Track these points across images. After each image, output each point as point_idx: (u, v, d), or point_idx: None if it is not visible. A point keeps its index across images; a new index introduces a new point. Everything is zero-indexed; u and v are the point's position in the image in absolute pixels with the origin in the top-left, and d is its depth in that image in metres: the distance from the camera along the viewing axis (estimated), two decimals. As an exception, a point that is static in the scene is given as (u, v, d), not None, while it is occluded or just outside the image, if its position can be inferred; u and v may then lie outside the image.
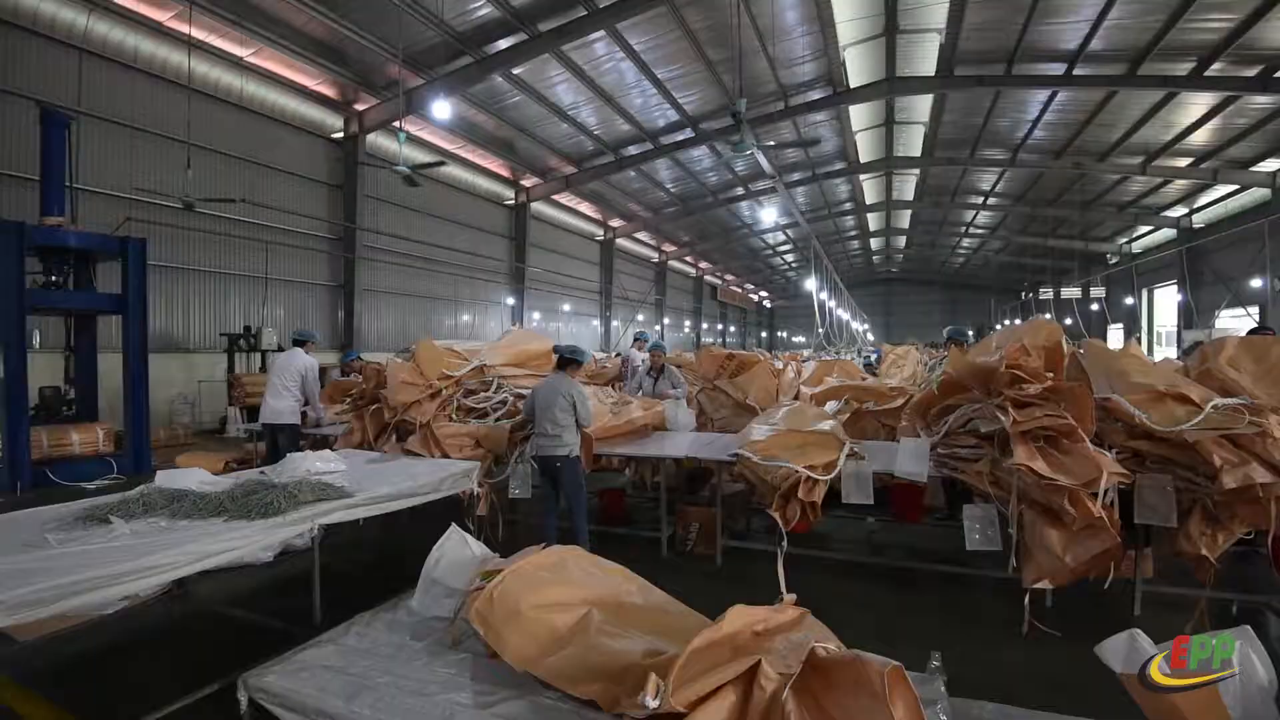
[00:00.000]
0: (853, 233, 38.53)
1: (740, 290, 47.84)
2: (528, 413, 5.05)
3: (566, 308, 25.96)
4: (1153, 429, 3.66)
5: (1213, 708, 1.55)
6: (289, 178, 14.67)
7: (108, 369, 9.10)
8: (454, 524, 2.92)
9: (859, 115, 20.34)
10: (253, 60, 13.21)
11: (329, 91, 14.81)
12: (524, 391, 5.73)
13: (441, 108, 14.17)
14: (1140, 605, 4.05)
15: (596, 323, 28.28)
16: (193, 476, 3.71)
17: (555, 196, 23.18)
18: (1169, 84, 14.70)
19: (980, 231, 34.64)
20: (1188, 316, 24.54)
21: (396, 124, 12.85)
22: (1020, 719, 2.28)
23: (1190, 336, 21.26)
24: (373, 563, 5.05)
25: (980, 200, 28.37)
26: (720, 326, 45.12)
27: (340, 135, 15.55)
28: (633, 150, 20.21)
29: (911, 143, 22.62)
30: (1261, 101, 15.24)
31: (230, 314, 13.71)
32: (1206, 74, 14.12)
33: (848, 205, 31.36)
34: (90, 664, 3.43)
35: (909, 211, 32.74)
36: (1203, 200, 23.31)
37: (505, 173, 21.01)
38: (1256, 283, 20.53)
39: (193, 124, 11.45)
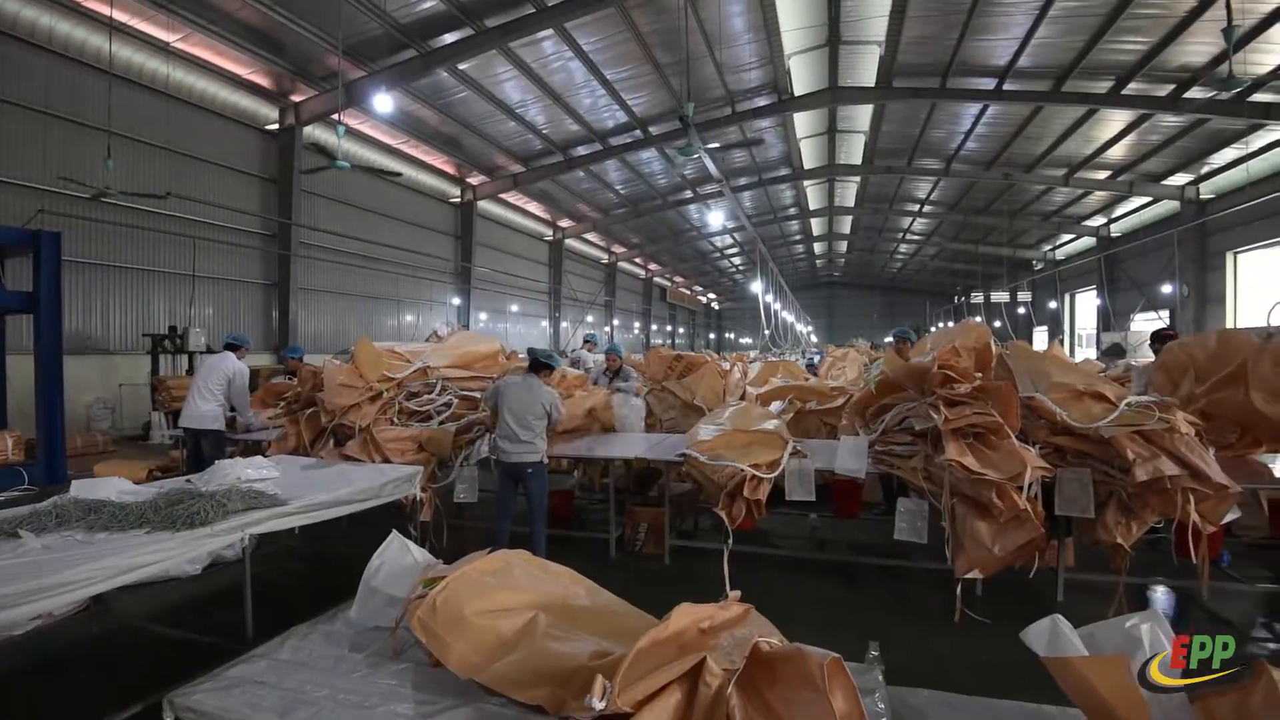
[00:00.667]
0: (797, 237, 39.48)
1: (689, 292, 48.30)
2: (489, 407, 4.88)
3: (515, 308, 25.64)
4: (1072, 426, 3.89)
5: (1125, 684, 1.64)
6: (220, 170, 13.98)
7: (18, 372, 8.51)
8: (395, 531, 2.84)
9: (803, 123, 20.84)
10: (180, 46, 12.53)
11: (263, 81, 14.19)
12: (471, 394, 5.63)
13: (383, 101, 13.77)
14: (1063, 592, 4.29)
15: (545, 324, 28.04)
16: (112, 486, 3.50)
17: (503, 195, 22.86)
18: (1090, 101, 15.64)
19: (916, 238, 36.03)
20: (1106, 319, 26.18)
21: (335, 117, 12.44)
22: (952, 704, 2.37)
23: (1108, 338, 22.73)
24: (309, 573, 4.88)
25: (916, 208, 29.52)
26: (670, 328, 45.44)
27: (275, 127, 14.92)
28: (582, 151, 20.13)
29: (853, 151, 23.33)
30: (1172, 120, 16.39)
31: (154, 313, 12.96)
32: (1124, 92, 15.08)
33: (792, 210, 32.10)
34: (-2, 689, 3.19)
35: (850, 217, 33.83)
36: (1119, 211, 24.86)
37: (451, 170, 20.60)
38: (1167, 288, 22.07)
39: (114, 111, 10.78)
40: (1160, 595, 4.52)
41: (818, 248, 43.14)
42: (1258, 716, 1.58)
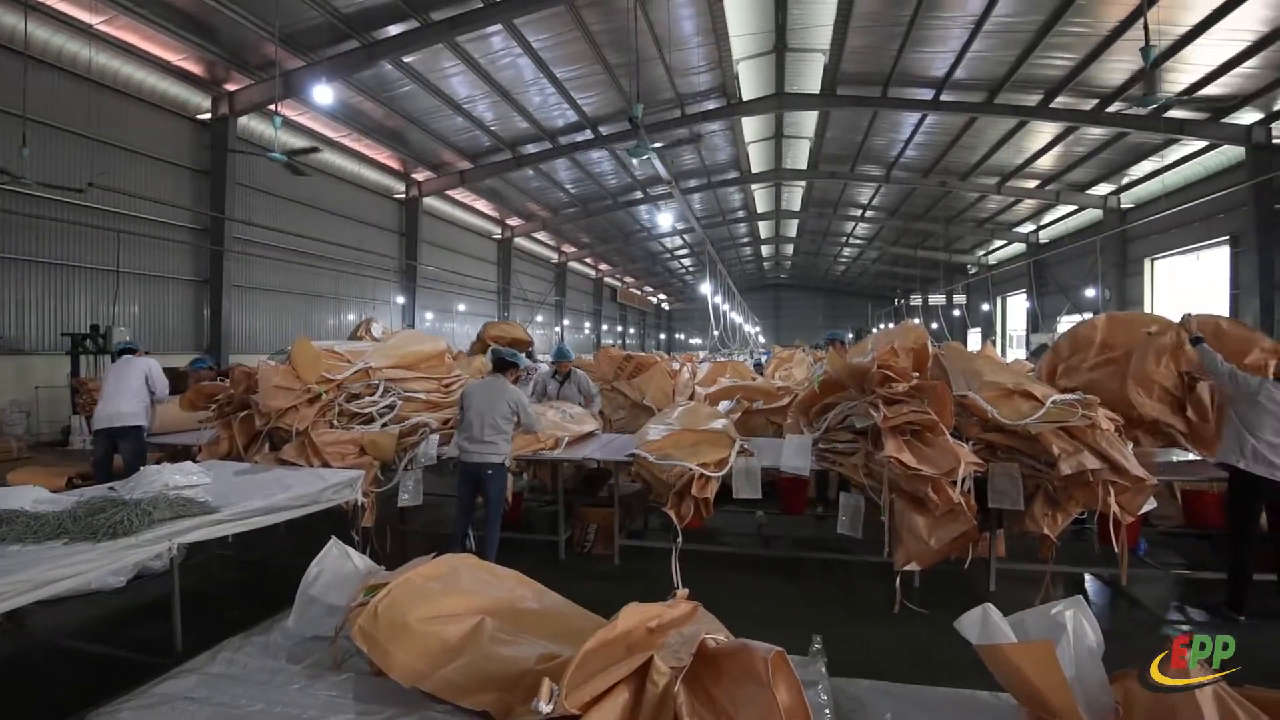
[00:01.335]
0: (745, 239, 40.14)
1: (640, 292, 48.46)
2: (459, 414, 4.83)
3: (462, 307, 25.16)
4: (1002, 422, 4.09)
5: (1050, 668, 1.73)
6: (147, 160, 13.24)
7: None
8: (334, 538, 2.74)
9: (751, 127, 21.19)
10: (104, 29, 11.80)
11: (195, 69, 13.50)
12: (415, 395, 5.50)
13: (323, 92, 13.29)
14: (995, 581, 4.49)
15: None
16: (27, 495, 3.27)
17: (450, 192, 22.40)
18: (1020, 113, 16.43)
19: (859, 242, 37.15)
20: (1035, 321, 27.57)
21: (272, 107, 11.95)
22: (891, 693, 2.46)
23: (1036, 339, 23.97)
24: (244, 583, 4.68)
25: (859, 213, 30.42)
26: (620, 328, 45.46)
27: (208, 117, 14.21)
28: (531, 149, 19.93)
29: (799, 156, 23.87)
30: (1095, 133, 17.40)
31: (75, 311, 12.17)
32: (1052, 106, 15.92)
33: (740, 213, 32.60)
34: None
35: (796, 221, 34.57)
36: (1047, 219, 26.22)
37: (395, 165, 20.05)
38: (1090, 292, 23.41)
39: (30, 96, 10.06)
40: (1085, 583, 4.78)
41: (765, 250, 43.96)
42: (1170, 695, 1.70)
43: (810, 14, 14.27)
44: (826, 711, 2.17)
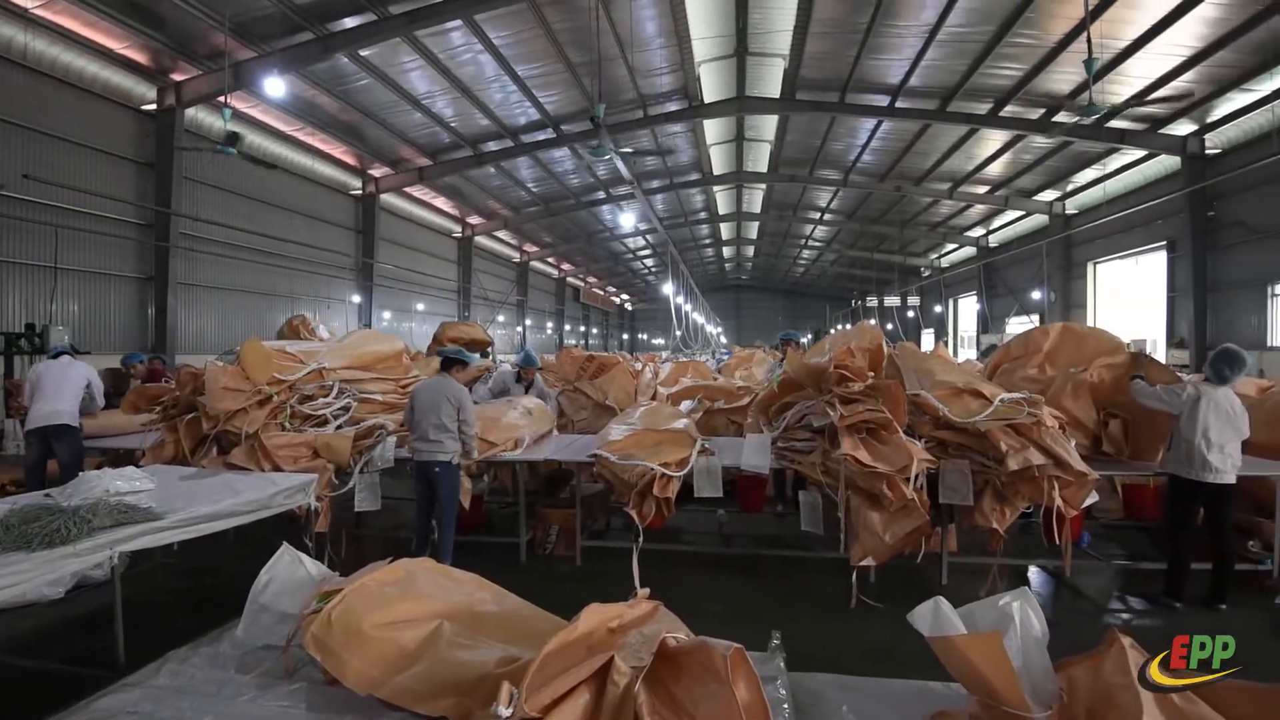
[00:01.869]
0: (707, 241, 40.46)
1: (602, 293, 48.37)
2: (407, 416, 4.83)
3: (420, 307, 24.68)
4: (953, 420, 4.22)
5: (997, 658, 1.79)
6: (88, 152, 12.58)
7: None
8: (285, 543, 2.67)
9: (713, 130, 21.36)
10: (41, 13, 11.17)
11: (139, 57, 12.90)
12: (371, 396, 5.38)
13: (275, 85, 12.87)
14: (947, 575, 4.63)
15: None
16: (-49, 503, 3.09)
17: (408, 189, 21.96)
18: (971, 121, 16.98)
19: (817, 244, 37.86)
20: (985, 322, 28.52)
21: (222, 99, 11.53)
22: (848, 686, 2.51)
23: (986, 340, 24.81)
24: (190, 592, 4.51)
25: (818, 216, 30.98)
26: (583, 328, 45.30)
27: (153, 107, 13.58)
28: (492, 146, 19.70)
29: (759, 159, 24.18)
30: (1042, 141, 18.08)
31: (8, 309, 11.50)
32: (1001, 114, 16.50)
33: (702, 215, 32.86)
34: None
35: (757, 223, 35.02)
36: (997, 223, 27.14)
37: (352, 160, 19.55)
38: (1037, 294, 24.35)
39: (-43, 83, 9.49)
40: (1032, 575, 4.96)
41: (726, 251, 44.43)
42: (1109, 679, 1.78)
43: (771, 19, 14.46)
44: (785, 706, 2.20)
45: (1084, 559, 5.02)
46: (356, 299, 20.86)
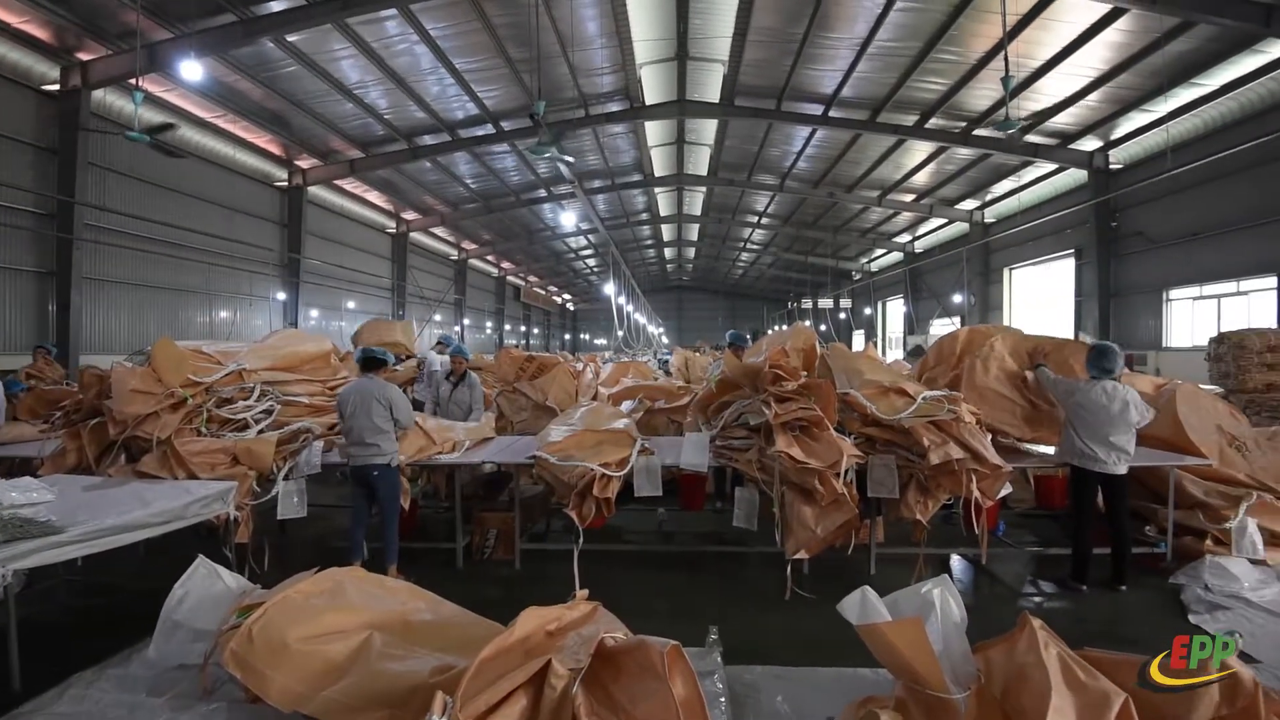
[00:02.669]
0: (649, 242, 40.68)
1: (544, 292, 47.89)
2: (340, 421, 4.66)
3: (351, 305, 23.76)
4: (879, 417, 4.41)
5: (919, 642, 1.88)
6: (-24, 135, 11.56)
7: None
8: (201, 556, 2.53)
9: (654, 132, 21.49)
10: (-83, -19, 10.18)
11: (41, 33, 11.86)
12: (296, 399, 5.15)
13: (192, 68, 12.09)
14: (875, 565, 4.82)
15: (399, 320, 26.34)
16: None
17: (338, 182, 21.10)
18: (899, 132, 17.72)
19: (755, 247, 38.71)
20: (910, 324, 29.85)
21: (133, 81, 10.77)
22: (782, 676, 2.59)
23: (912, 341, 25.99)
24: (96, 611, 4.20)
25: (756, 219, 31.69)
26: (524, 328, 44.71)
27: (56, 88, 12.54)
28: (428, 140, 19.17)
29: (699, 162, 24.51)
30: (963, 153, 19.07)
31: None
32: (926, 126, 17.29)
33: (644, 216, 33.01)
34: None
35: (697, 225, 35.49)
36: (922, 230, 28.43)
37: (277, 150, 18.62)
38: (958, 298, 25.66)
39: None
40: (954, 562, 5.22)
41: (668, 252, 44.79)
42: (1022, 658, 1.89)
43: (710, 25, 14.68)
44: (722, 700, 2.25)
45: (1000, 546, 5.33)
46: (282, 296, 19.88)
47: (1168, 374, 11.62)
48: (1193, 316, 15.78)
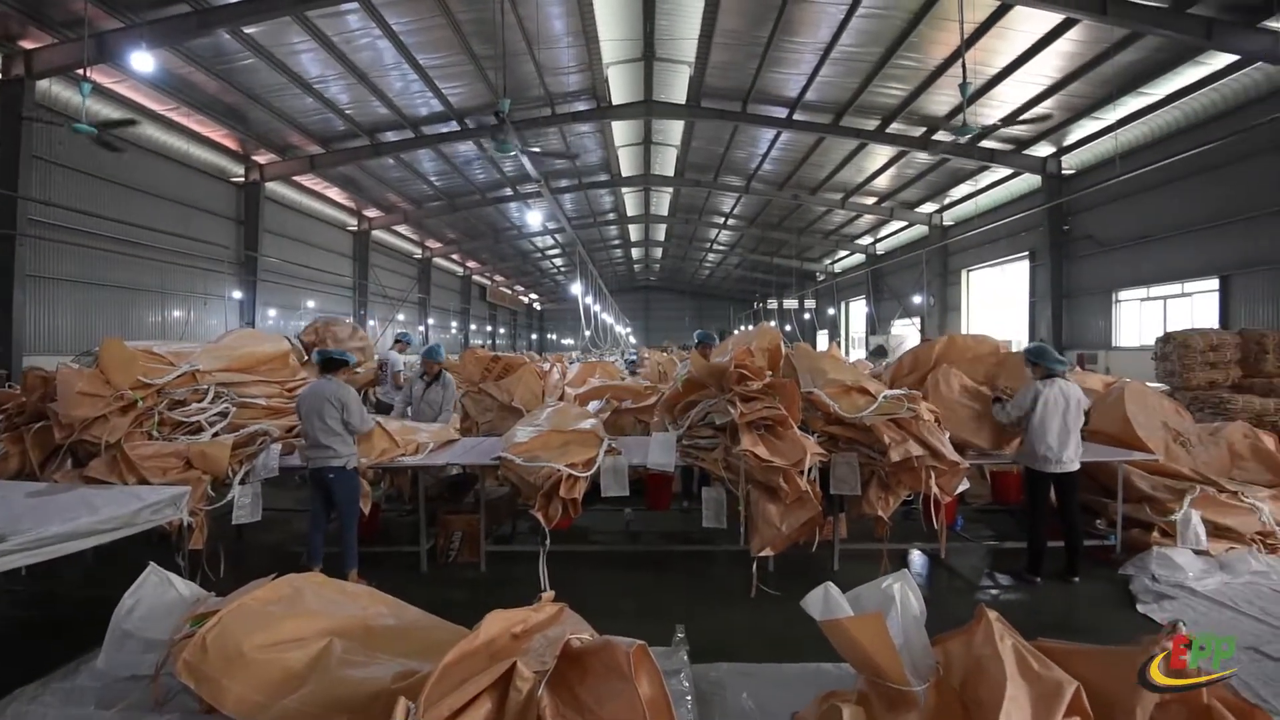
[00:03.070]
0: (616, 242, 40.66)
1: (510, 291, 47.46)
2: (299, 423, 4.57)
3: (311, 304, 23.18)
4: (842, 416, 4.49)
5: (880, 634, 1.92)
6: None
7: None
8: (152, 563, 2.44)
9: (621, 131, 21.48)
10: None
11: (-22, 19, 11.32)
12: (253, 400, 5.02)
13: (143, 59, 11.65)
14: (838, 561, 4.90)
15: (349, 321, 25.67)
16: None
17: (297, 178, 20.57)
18: (861, 136, 18.05)
19: (722, 248, 39.03)
20: (872, 324, 30.44)
21: (81, 71, 10.33)
22: (747, 673, 2.61)
23: (874, 341, 26.57)
24: (41, 622, 4.02)
25: (722, 220, 31.95)
26: (490, 328, 44.25)
27: (-2, 77, 11.98)
28: (391, 136, 18.82)
29: (666, 163, 24.59)
30: (923, 158, 19.50)
31: None
32: (888, 131, 17.65)
33: (611, 215, 32.97)
34: None
35: (664, 226, 35.61)
36: (884, 232, 29.02)
37: (233, 145, 18.07)
38: (918, 299, 26.26)
39: None
40: (914, 557, 5.34)
41: (635, 253, 44.84)
42: (979, 650, 1.95)
43: (677, 26, 14.74)
44: (688, 698, 2.26)
45: (958, 541, 5.47)
46: (238, 295, 19.30)
47: (1117, 373, 12.09)
48: (1140, 317, 16.44)
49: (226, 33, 12.41)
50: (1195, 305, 14.81)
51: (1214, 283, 14.00)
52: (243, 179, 19.08)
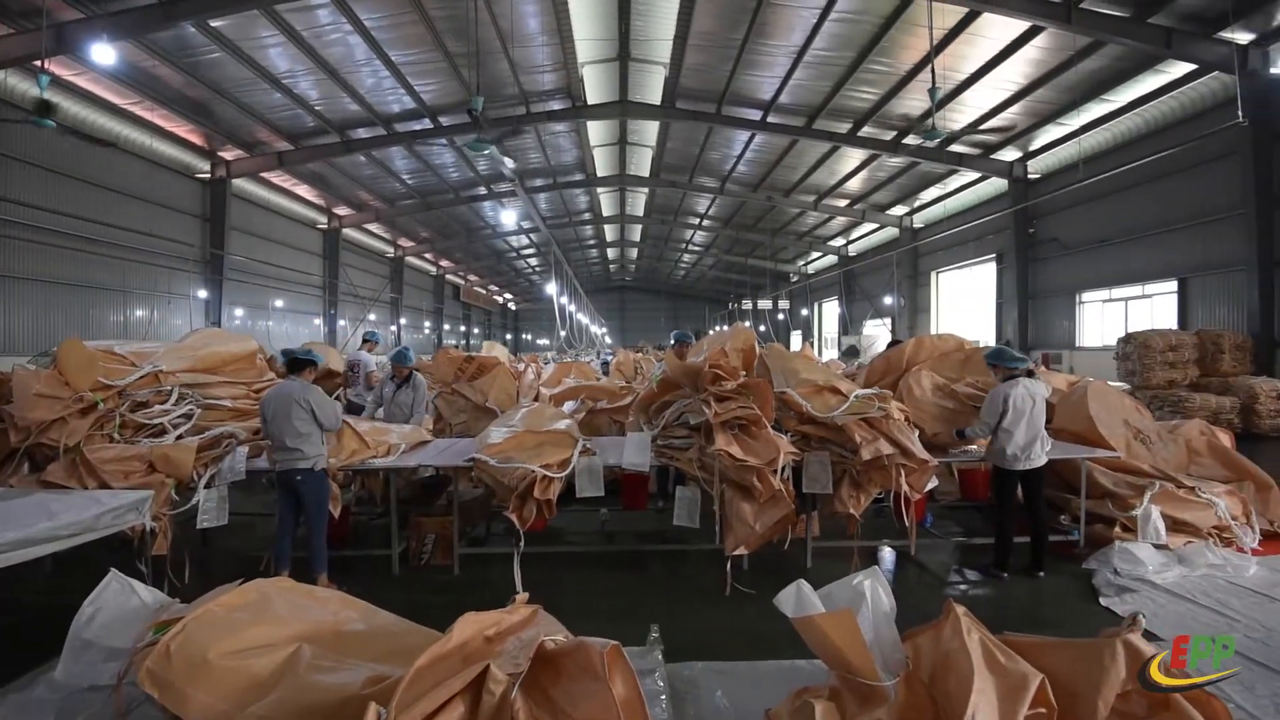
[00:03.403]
0: (591, 241, 40.59)
1: (484, 291, 47.07)
2: (263, 426, 4.46)
3: (279, 303, 22.72)
4: (814, 415, 4.55)
5: (851, 630, 1.95)
6: None
7: None
8: (114, 570, 2.37)
9: (596, 132, 21.46)
10: None
11: (-73, 7, 10.88)
12: (219, 402, 4.91)
13: (104, 52, 11.31)
14: (811, 559, 4.95)
15: (319, 321, 25.20)
16: None
17: (265, 174, 20.16)
18: (833, 139, 18.32)
19: (697, 249, 39.24)
20: (845, 324, 30.86)
21: (39, 63, 9.99)
22: (722, 671, 2.63)
23: (846, 341, 26.94)
24: (-4, 632, 3.88)
25: (697, 221, 32.13)
26: (464, 328, 43.83)
27: (-55, 68, 11.53)
28: (362, 133, 18.55)
29: (642, 163, 24.63)
30: (894, 161, 19.84)
31: None
32: (859, 134, 17.91)
33: (586, 215, 32.92)
34: None
35: (640, 226, 35.65)
36: (855, 234, 29.43)
37: (199, 140, 17.62)
38: (889, 299, 26.67)
39: None
40: (885, 554, 5.42)
41: (611, 253, 44.82)
42: (947, 644, 1.99)
43: (652, 27, 14.77)
44: (662, 698, 2.27)
45: (927, 537, 5.57)
46: (203, 294, 18.84)
47: (1080, 372, 12.44)
48: (1103, 318, 16.93)
49: (192, 26, 12.14)
50: (1155, 306, 15.29)
51: (1173, 285, 14.48)
52: (209, 175, 18.64)
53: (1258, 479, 5.56)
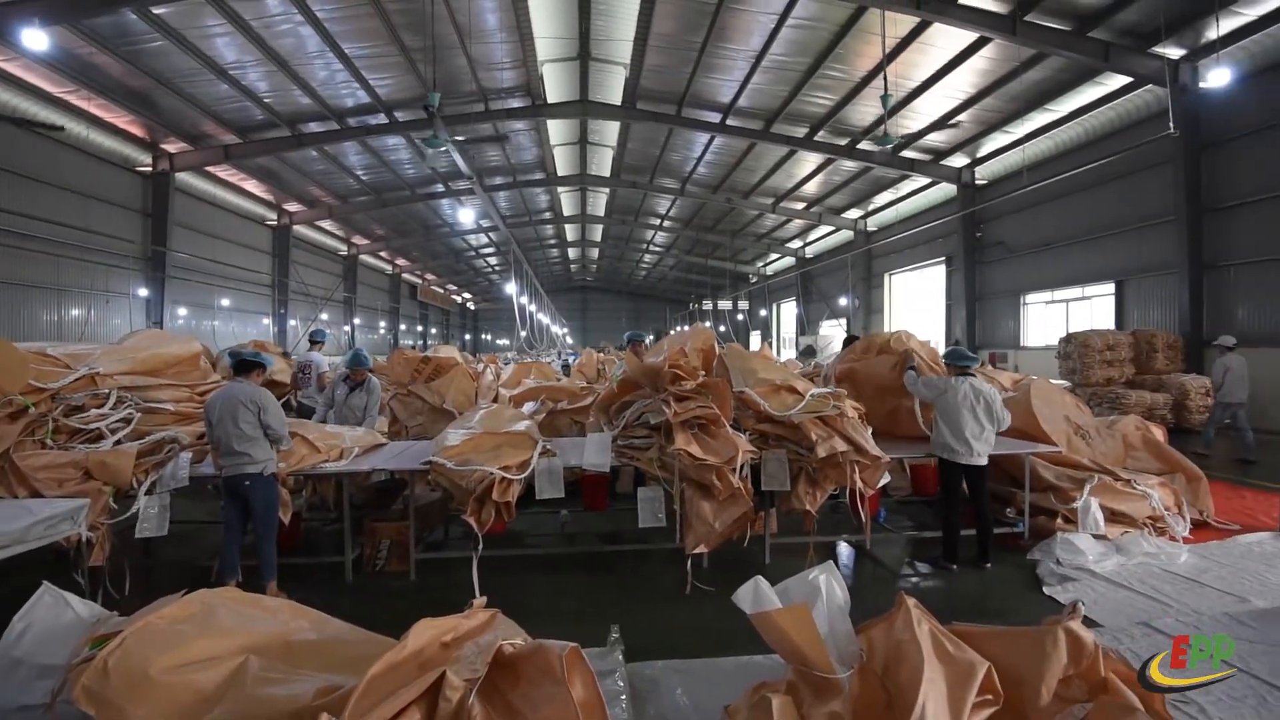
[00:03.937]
0: (552, 241, 40.33)
1: (442, 290, 46.27)
2: (207, 430, 4.29)
3: (226, 302, 21.90)
4: (772, 414, 4.62)
5: (806, 625, 1.98)
6: None
7: None
8: (46, 583, 2.26)
9: (557, 130, 21.32)
10: None
11: None
12: (160, 406, 4.71)
13: (35, 38, 10.72)
14: (769, 555, 5.03)
15: (268, 321, 24.36)
16: None
17: (211, 168, 19.39)
18: (791, 143, 18.63)
19: (658, 249, 39.42)
20: (802, 325, 31.43)
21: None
22: (682, 669, 2.65)
23: (803, 341, 27.46)
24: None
25: (658, 222, 32.28)
26: (420, 328, 43.02)
27: None
28: (315, 127, 18.02)
29: (603, 163, 24.60)
30: (848, 165, 20.30)
31: None
32: (815, 139, 18.26)
33: (547, 214, 32.68)
34: None
35: (601, 226, 35.61)
36: (812, 236, 30.00)
37: (140, 132, 16.83)
38: (844, 300, 27.27)
39: None
40: (841, 549, 5.54)
41: (572, 252, 44.62)
42: (899, 636, 2.04)
43: (612, 27, 14.76)
44: (622, 698, 2.27)
45: (881, 532, 5.72)
46: (144, 293, 18.02)
47: (1025, 371, 12.94)
48: (1045, 319, 17.63)
49: (132, 12, 11.60)
50: (1094, 308, 15.99)
51: (1110, 287, 15.16)
52: (150, 168, 17.84)
53: (1188, 471, 5.89)
